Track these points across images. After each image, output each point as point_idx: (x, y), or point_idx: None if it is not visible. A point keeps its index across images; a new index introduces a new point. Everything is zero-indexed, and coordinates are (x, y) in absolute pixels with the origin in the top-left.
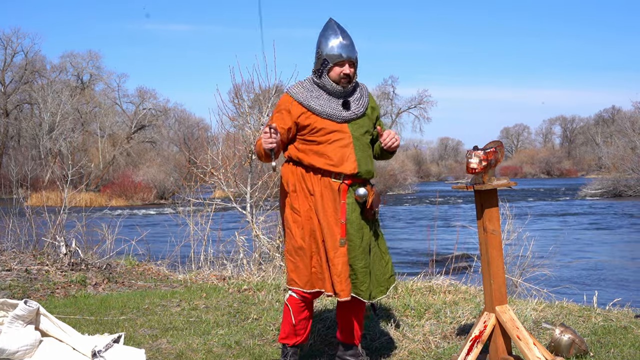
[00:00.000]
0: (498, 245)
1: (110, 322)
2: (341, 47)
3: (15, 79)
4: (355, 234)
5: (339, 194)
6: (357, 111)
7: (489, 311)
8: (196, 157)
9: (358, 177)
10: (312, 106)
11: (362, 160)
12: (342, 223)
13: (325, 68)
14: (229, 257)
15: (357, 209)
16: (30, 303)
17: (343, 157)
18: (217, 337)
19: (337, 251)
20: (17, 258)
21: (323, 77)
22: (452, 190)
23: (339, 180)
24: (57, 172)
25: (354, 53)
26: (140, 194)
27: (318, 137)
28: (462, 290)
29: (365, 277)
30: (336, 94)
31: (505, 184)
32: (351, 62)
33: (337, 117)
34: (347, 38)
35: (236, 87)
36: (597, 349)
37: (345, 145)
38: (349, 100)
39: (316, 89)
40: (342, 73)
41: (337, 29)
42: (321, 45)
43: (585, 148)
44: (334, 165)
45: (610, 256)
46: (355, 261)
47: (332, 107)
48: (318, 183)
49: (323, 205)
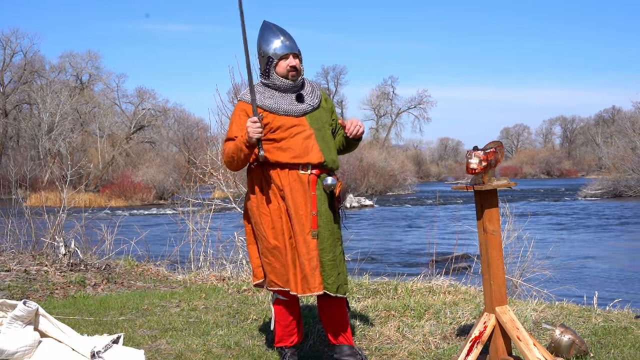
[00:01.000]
0: (498, 246)
1: (110, 323)
2: (282, 43)
3: (14, 79)
4: (325, 226)
5: (308, 186)
6: (312, 102)
7: (489, 312)
8: (195, 158)
9: (324, 167)
10: (268, 105)
11: (325, 150)
12: (314, 215)
13: (271, 65)
14: (228, 257)
15: (326, 200)
16: (29, 304)
17: (307, 148)
18: (216, 337)
19: (309, 245)
20: (16, 258)
21: (271, 75)
22: (452, 190)
23: (307, 172)
24: (56, 172)
25: (296, 47)
26: (140, 194)
27: (279, 134)
28: (462, 290)
29: (333, 270)
30: (287, 89)
31: (505, 184)
32: (295, 54)
33: (294, 111)
34: (287, 35)
35: (236, 87)
36: (597, 349)
37: (307, 137)
38: (301, 93)
39: (267, 90)
40: (288, 66)
41: (276, 29)
42: (263, 47)
43: (586, 148)
44: (299, 157)
45: (611, 257)
46: (322, 253)
47: (287, 103)
48: (287, 178)
49: (293, 198)
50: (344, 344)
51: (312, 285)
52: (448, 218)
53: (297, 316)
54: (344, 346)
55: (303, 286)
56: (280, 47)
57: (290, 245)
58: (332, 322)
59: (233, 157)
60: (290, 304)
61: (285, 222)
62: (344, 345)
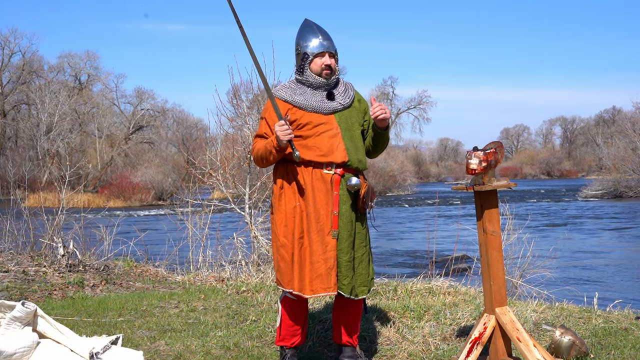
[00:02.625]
0: (498, 247)
1: (108, 324)
2: (320, 42)
3: (12, 79)
4: (344, 227)
5: (331, 185)
6: (343, 102)
7: (488, 313)
8: (194, 158)
9: (349, 167)
10: (297, 101)
11: (351, 149)
12: (335, 214)
13: (306, 62)
14: (227, 258)
15: (349, 201)
16: (28, 305)
17: (332, 146)
18: (215, 338)
19: (327, 245)
20: (14, 259)
21: (305, 72)
22: (451, 191)
23: (330, 172)
24: (54, 173)
25: (333, 46)
26: (139, 195)
27: (305, 131)
28: (462, 291)
29: (349, 271)
30: (319, 86)
31: (505, 184)
32: (331, 53)
33: (323, 109)
34: (325, 34)
35: (235, 87)
36: (597, 350)
37: (334, 136)
38: (332, 91)
39: (300, 87)
40: (323, 64)
41: (315, 27)
42: (300, 44)
43: (586, 149)
44: (324, 155)
45: (611, 257)
46: (340, 254)
47: (317, 100)
48: (310, 176)
49: (314, 198)
50: (347, 346)
51: (327, 285)
52: (448, 219)
53: (303, 317)
54: (347, 347)
55: (315, 286)
56: (317, 45)
57: (299, 245)
58: (343, 322)
59: (262, 157)
60: (297, 304)
61: (298, 222)
62: (347, 347)
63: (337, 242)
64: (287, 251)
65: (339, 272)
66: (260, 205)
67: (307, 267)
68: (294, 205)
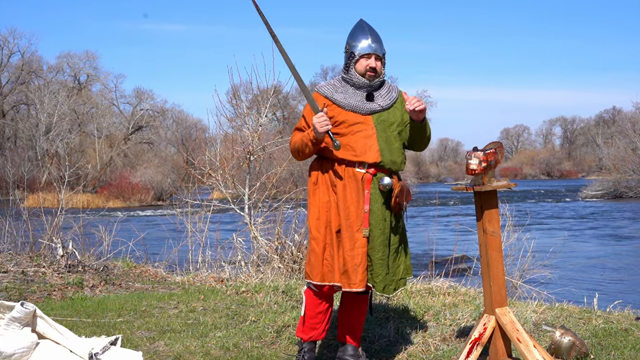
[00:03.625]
0: (498, 247)
1: (108, 325)
2: (368, 43)
3: (11, 79)
4: (377, 225)
5: (362, 184)
6: (382, 103)
7: (488, 313)
8: (194, 158)
9: (381, 167)
10: (336, 99)
11: (385, 150)
12: (365, 212)
13: (352, 61)
14: (227, 259)
15: (381, 199)
16: (27, 305)
17: (365, 146)
18: (215, 339)
19: (356, 242)
20: (13, 260)
21: (350, 71)
22: (451, 191)
23: (362, 170)
24: (54, 173)
25: (381, 49)
26: (138, 195)
27: (342, 129)
28: (462, 292)
29: (382, 269)
30: (362, 86)
31: (505, 185)
32: (377, 56)
33: (361, 108)
34: (375, 36)
35: (234, 87)
36: (597, 351)
37: (369, 136)
38: (372, 92)
39: (343, 85)
40: (368, 66)
41: (366, 28)
42: (349, 42)
43: (586, 149)
44: (356, 155)
45: (611, 258)
46: (373, 252)
47: (356, 100)
48: (342, 173)
49: (345, 195)
50: (349, 344)
51: (353, 281)
52: (448, 219)
53: (325, 312)
54: (349, 346)
55: (343, 281)
56: (365, 47)
57: (331, 239)
58: (348, 319)
59: (299, 150)
60: (320, 297)
61: (334, 217)
62: (349, 345)
63: (368, 240)
64: (319, 244)
65: (371, 270)
66: (259, 205)
67: (336, 261)
68: (327, 199)
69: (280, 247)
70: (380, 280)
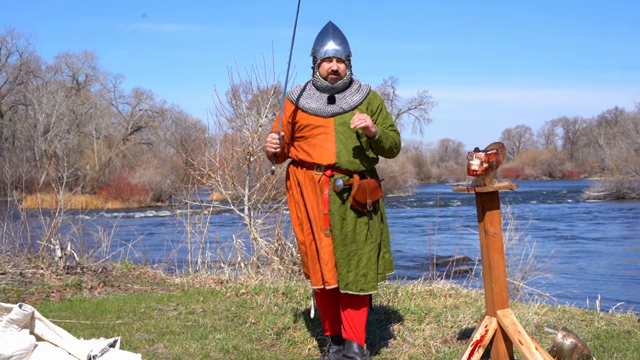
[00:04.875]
0: (499, 248)
1: (106, 326)
2: (330, 47)
3: (9, 79)
4: (335, 225)
5: (320, 186)
6: (343, 106)
7: (490, 315)
8: (193, 159)
9: (337, 168)
10: (301, 104)
11: (343, 151)
12: (325, 214)
13: (315, 64)
14: (226, 260)
15: (338, 200)
16: (25, 307)
17: (322, 149)
18: (214, 341)
19: (321, 241)
20: (11, 261)
21: (315, 74)
22: (452, 192)
23: (319, 173)
24: (52, 174)
25: (344, 52)
26: (137, 196)
27: (305, 132)
28: (463, 294)
29: (342, 267)
30: (325, 89)
31: (506, 186)
32: (339, 59)
33: (322, 112)
34: (338, 38)
35: (234, 87)
36: (600, 353)
37: (328, 139)
38: (334, 95)
39: (311, 88)
40: (329, 69)
41: (330, 31)
42: (314, 46)
43: (588, 150)
44: (312, 157)
45: (613, 259)
46: (335, 251)
47: (318, 103)
48: (303, 176)
49: (308, 197)
50: (353, 341)
51: (327, 278)
52: (449, 220)
53: (333, 309)
54: (354, 343)
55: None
56: (326, 50)
57: (310, 241)
58: (346, 316)
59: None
60: (324, 296)
61: (305, 219)
62: (354, 343)
63: (331, 240)
64: (306, 246)
65: (337, 268)
66: (259, 206)
67: (317, 261)
68: (298, 201)
69: (280, 249)
70: (341, 279)
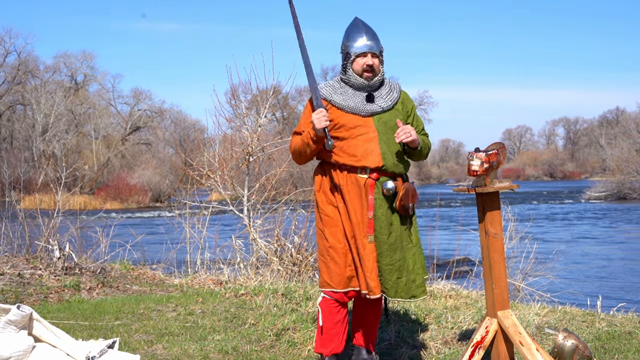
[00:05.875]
0: (500, 249)
1: (105, 327)
2: (364, 42)
3: (7, 79)
4: (382, 231)
5: (365, 190)
6: (383, 105)
7: (490, 316)
8: (192, 159)
9: (384, 171)
10: (335, 100)
11: (387, 153)
12: (370, 219)
13: (348, 61)
14: (225, 261)
15: (385, 204)
16: (23, 308)
17: (367, 150)
18: (213, 342)
19: (365, 248)
20: (9, 262)
21: (348, 72)
22: (453, 192)
23: (365, 175)
24: (50, 174)
25: (377, 47)
26: (136, 196)
27: (342, 132)
28: (464, 294)
29: (390, 274)
30: (361, 87)
31: (507, 186)
32: (374, 54)
33: (361, 110)
34: (371, 34)
35: (233, 87)
36: (601, 354)
37: (370, 139)
38: (373, 93)
39: (342, 85)
40: (364, 65)
41: (362, 26)
42: (345, 42)
43: (589, 150)
44: (358, 160)
45: (615, 260)
46: (380, 258)
47: (356, 101)
48: (344, 179)
49: (350, 201)
50: (363, 347)
51: (370, 287)
52: (449, 221)
53: (344, 321)
54: (363, 350)
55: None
56: (361, 45)
57: (352, 246)
58: (363, 324)
59: (300, 151)
60: (338, 306)
61: (346, 223)
62: (363, 349)
63: (375, 246)
64: (338, 252)
65: (380, 276)
66: (259, 207)
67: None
68: (336, 205)
69: (279, 249)
70: (390, 286)
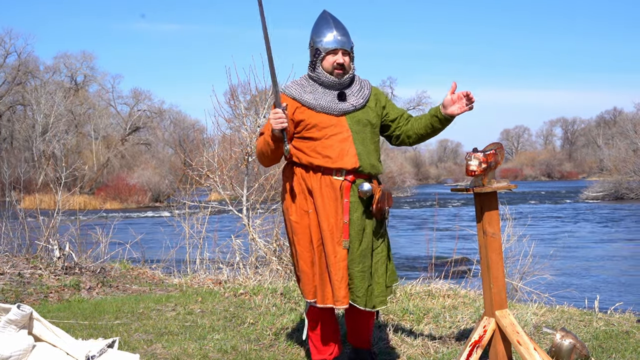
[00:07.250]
0: (498, 249)
1: (105, 327)
2: (334, 37)
3: (8, 80)
4: (356, 236)
5: (341, 193)
6: (355, 103)
7: (488, 315)
8: (192, 160)
9: (360, 173)
10: (306, 100)
11: (363, 154)
12: (345, 223)
13: (318, 58)
14: (225, 260)
15: (360, 208)
16: (23, 307)
17: (342, 151)
18: (213, 342)
19: (337, 255)
20: (10, 262)
21: (317, 69)
22: (451, 192)
23: (340, 178)
24: (50, 174)
25: (348, 43)
26: (135, 196)
27: (314, 132)
28: (462, 294)
29: (362, 282)
30: (331, 85)
31: (505, 186)
32: (345, 51)
33: (333, 109)
34: (341, 29)
35: (232, 88)
36: (598, 354)
37: (344, 139)
38: (344, 92)
39: (311, 84)
40: (335, 63)
41: (331, 20)
42: (314, 38)
43: (587, 150)
44: (333, 161)
45: (612, 260)
46: (352, 264)
47: (327, 100)
48: (318, 182)
49: (324, 205)
50: (361, 348)
51: (337, 297)
52: (447, 221)
53: (333, 326)
54: (360, 350)
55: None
56: (331, 41)
57: (320, 254)
58: (355, 330)
59: (262, 152)
60: (323, 314)
61: (314, 229)
62: (360, 350)
63: (348, 252)
64: (306, 262)
65: (351, 284)
66: (258, 207)
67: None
68: (307, 210)
69: (278, 249)
70: (362, 295)
